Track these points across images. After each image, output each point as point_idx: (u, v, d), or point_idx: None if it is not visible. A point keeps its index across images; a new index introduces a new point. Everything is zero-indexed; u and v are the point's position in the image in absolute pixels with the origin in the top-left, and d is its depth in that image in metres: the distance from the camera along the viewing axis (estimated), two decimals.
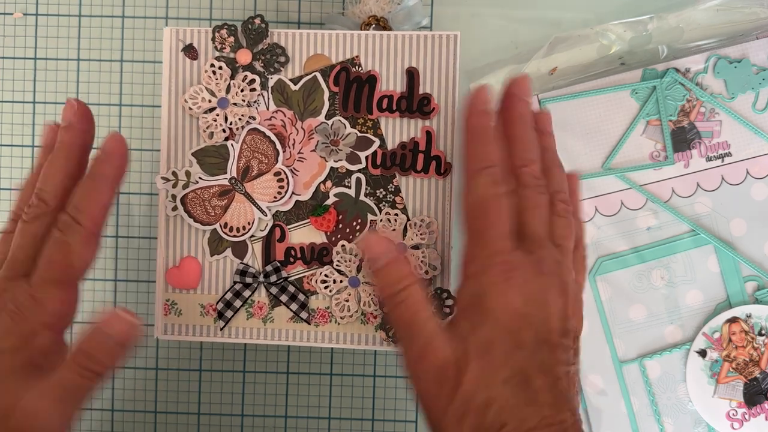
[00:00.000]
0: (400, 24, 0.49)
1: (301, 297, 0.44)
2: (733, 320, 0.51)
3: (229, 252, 0.44)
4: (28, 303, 0.36)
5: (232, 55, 0.43)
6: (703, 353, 0.51)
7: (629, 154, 0.51)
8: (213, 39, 0.43)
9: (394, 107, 0.44)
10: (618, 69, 0.51)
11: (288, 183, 0.44)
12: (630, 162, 0.51)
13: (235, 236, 0.44)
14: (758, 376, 0.51)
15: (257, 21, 0.43)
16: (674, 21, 0.51)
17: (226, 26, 0.43)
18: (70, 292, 0.38)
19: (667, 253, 0.51)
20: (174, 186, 0.44)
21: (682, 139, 0.51)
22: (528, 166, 0.38)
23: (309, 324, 0.44)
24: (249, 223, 0.44)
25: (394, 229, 0.44)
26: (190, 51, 0.43)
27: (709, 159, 0.51)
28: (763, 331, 0.51)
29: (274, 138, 0.44)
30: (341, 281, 0.44)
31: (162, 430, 0.53)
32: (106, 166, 0.39)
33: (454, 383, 0.34)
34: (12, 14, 0.52)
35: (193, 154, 0.44)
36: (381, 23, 0.48)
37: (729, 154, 0.51)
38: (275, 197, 0.44)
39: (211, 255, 0.44)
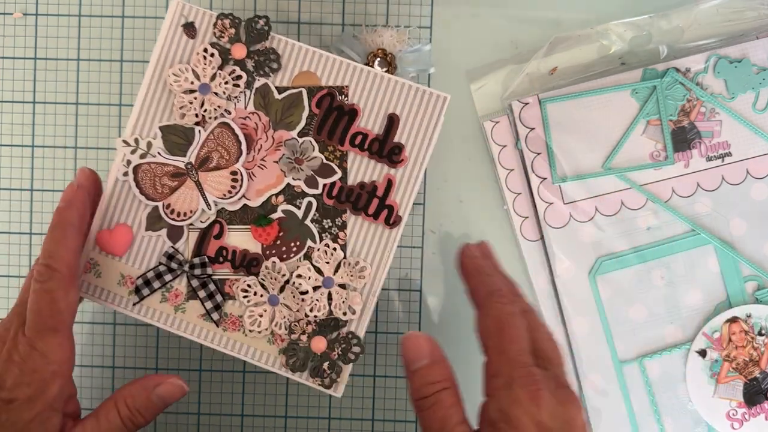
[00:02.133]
0: (407, 66, 0.48)
1: (218, 298, 0.44)
2: (733, 320, 0.51)
3: (164, 232, 0.44)
4: (32, 354, 0.39)
5: (227, 46, 0.43)
6: (703, 353, 0.51)
7: (629, 154, 0.51)
8: (215, 25, 0.43)
9: (366, 146, 0.43)
10: (618, 69, 0.51)
11: (241, 185, 0.43)
12: (630, 162, 0.51)
13: (174, 219, 0.44)
14: (758, 376, 0.51)
15: (261, 22, 0.43)
16: (674, 21, 0.51)
17: (230, 17, 0.43)
18: (64, 337, 0.40)
19: (667, 253, 0.51)
20: (132, 152, 0.44)
21: (683, 138, 0.51)
22: (519, 296, 0.40)
23: (218, 326, 0.44)
24: (191, 212, 0.44)
25: (327, 262, 0.44)
26: (190, 29, 0.43)
27: (709, 159, 0.51)
28: (763, 331, 0.51)
29: (242, 137, 0.43)
30: (261, 295, 0.44)
31: (162, 430, 0.53)
32: (71, 213, 0.41)
33: None
34: (12, 14, 0.52)
35: (160, 128, 0.44)
36: (388, 59, 0.48)
37: (729, 154, 0.51)
38: (225, 195, 0.44)
39: (146, 230, 0.44)
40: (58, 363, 0.39)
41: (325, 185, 0.44)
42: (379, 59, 0.47)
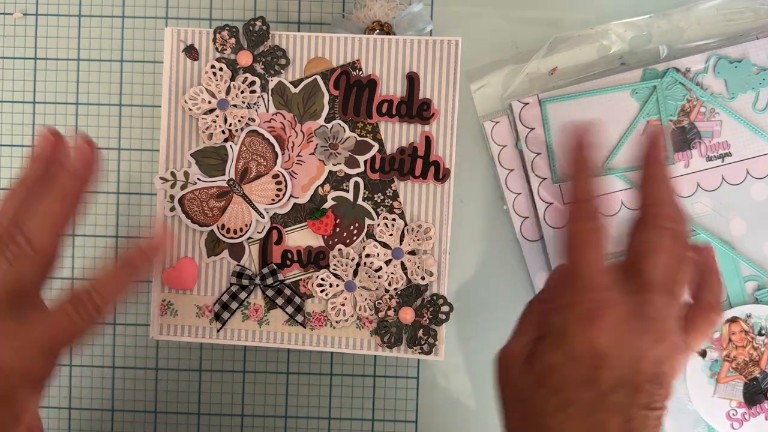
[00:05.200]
0: (404, 30, 0.49)
1: (297, 300, 0.44)
2: (733, 320, 0.51)
3: (226, 254, 0.44)
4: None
5: (232, 57, 0.43)
6: (703, 353, 0.51)
7: (629, 154, 0.51)
8: (214, 40, 0.43)
9: (394, 112, 0.44)
10: (618, 69, 0.51)
11: (286, 186, 0.44)
12: (630, 162, 0.51)
13: (232, 238, 0.44)
14: (758, 375, 0.51)
15: (258, 23, 0.43)
16: (674, 21, 0.51)
17: (227, 28, 0.43)
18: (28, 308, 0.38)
19: None
20: (172, 186, 0.44)
21: (683, 138, 0.51)
22: (658, 207, 0.37)
23: (304, 327, 0.44)
24: (246, 225, 0.44)
25: (391, 234, 0.44)
26: (191, 52, 0.43)
27: (709, 159, 0.51)
28: (763, 331, 0.51)
29: (273, 140, 0.44)
30: (337, 285, 0.44)
31: (162, 430, 0.53)
32: (73, 182, 0.38)
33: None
34: (12, 14, 0.52)
35: (192, 155, 0.44)
36: (385, 28, 0.48)
37: (729, 154, 0.51)
38: (273, 200, 0.44)
39: (208, 256, 0.44)
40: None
41: (366, 161, 0.44)
42: (377, 32, 0.47)
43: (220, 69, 0.43)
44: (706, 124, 0.51)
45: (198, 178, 0.44)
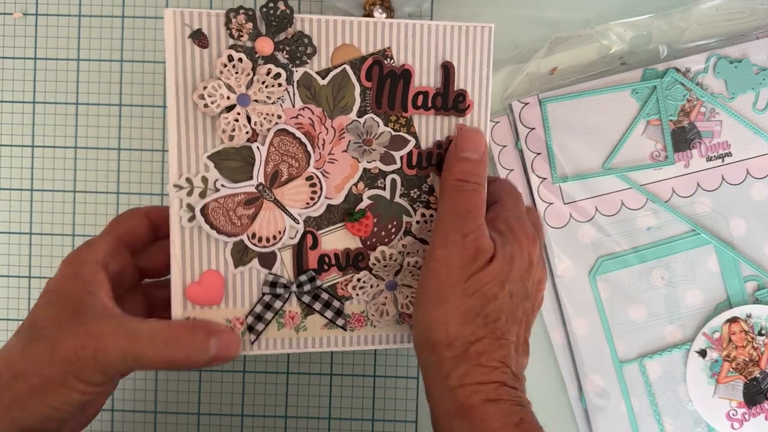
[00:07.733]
0: (402, 6, 0.47)
1: (336, 304, 0.41)
2: (733, 320, 0.51)
3: (255, 262, 0.40)
4: None
5: (249, 44, 0.37)
6: (703, 353, 0.51)
7: (629, 154, 0.51)
8: (227, 25, 0.37)
9: (430, 104, 0.40)
10: (618, 69, 0.51)
11: (321, 188, 0.40)
12: (630, 162, 0.51)
13: (264, 246, 0.40)
14: (758, 376, 0.51)
15: (281, 5, 0.37)
16: (674, 21, 0.51)
17: (243, 10, 0.37)
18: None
19: (667, 253, 0.51)
20: (189, 194, 0.39)
21: (683, 139, 0.51)
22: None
23: (345, 330, 0.42)
24: (280, 233, 0.40)
25: (429, 230, 0.42)
26: (200, 38, 0.37)
27: (709, 159, 0.51)
28: (763, 331, 0.51)
29: (304, 139, 0.40)
30: (378, 285, 0.42)
31: (162, 430, 0.53)
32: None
33: (478, 268, 0.38)
34: (12, 14, 0.52)
35: (209, 158, 0.39)
36: (385, 3, 0.46)
37: (729, 154, 0.51)
38: (308, 203, 0.40)
39: (235, 267, 0.40)
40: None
41: (402, 157, 0.41)
42: (377, 6, 0.46)
43: (239, 59, 0.37)
44: (706, 124, 0.51)
45: (222, 185, 0.39)
